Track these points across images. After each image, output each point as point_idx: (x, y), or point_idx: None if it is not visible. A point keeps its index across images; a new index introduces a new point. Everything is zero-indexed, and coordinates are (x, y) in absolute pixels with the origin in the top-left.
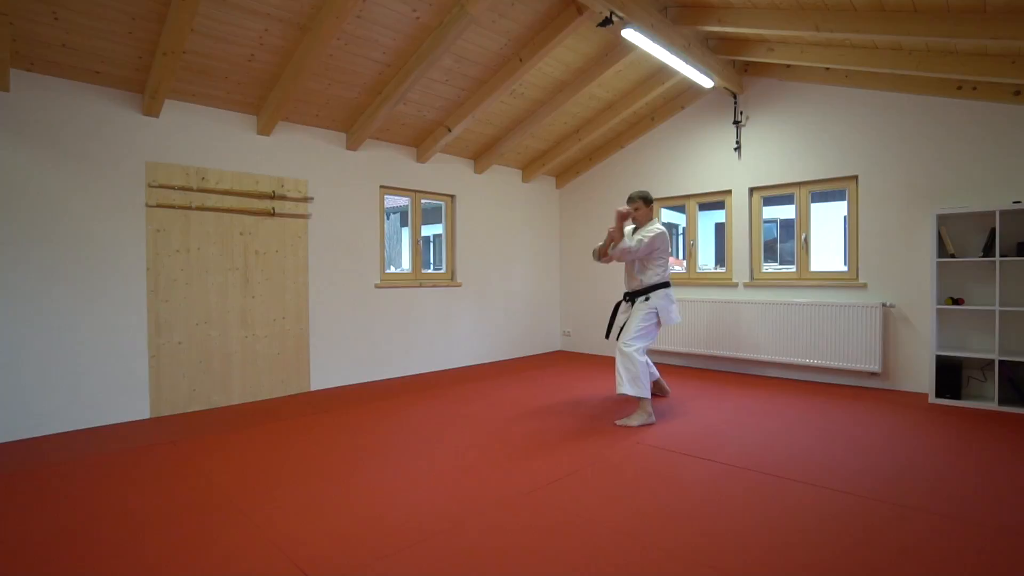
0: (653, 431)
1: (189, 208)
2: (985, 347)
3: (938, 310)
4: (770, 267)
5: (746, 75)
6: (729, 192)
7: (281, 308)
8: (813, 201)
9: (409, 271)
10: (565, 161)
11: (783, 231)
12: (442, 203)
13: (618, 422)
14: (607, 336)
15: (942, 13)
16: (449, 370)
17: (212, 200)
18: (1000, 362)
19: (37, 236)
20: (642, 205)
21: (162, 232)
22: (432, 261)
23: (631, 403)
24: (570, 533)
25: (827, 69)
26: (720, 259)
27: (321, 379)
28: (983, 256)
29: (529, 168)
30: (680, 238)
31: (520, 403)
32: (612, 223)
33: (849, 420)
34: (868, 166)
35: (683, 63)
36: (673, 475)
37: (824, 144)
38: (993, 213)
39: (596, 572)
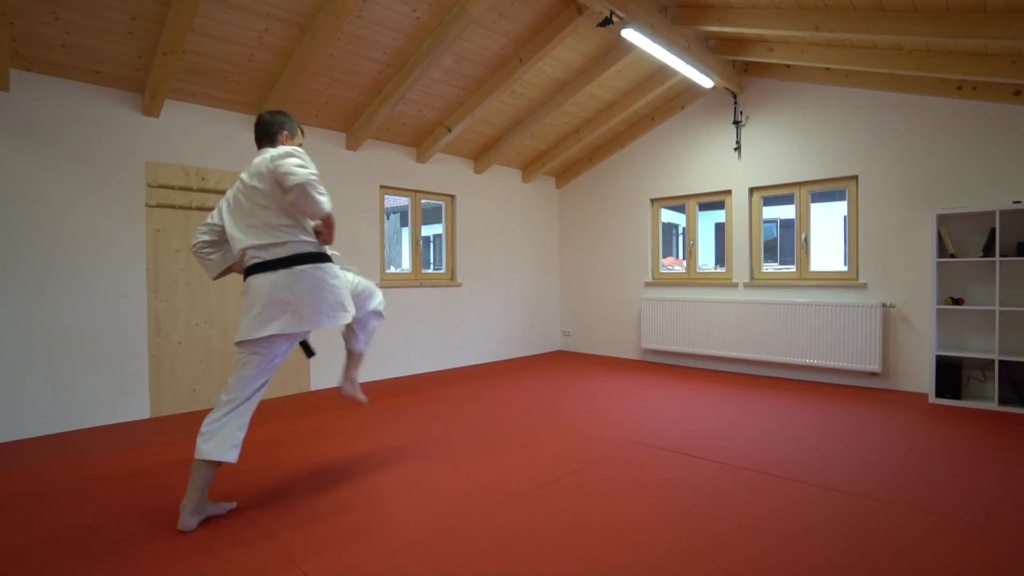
0: (654, 431)
1: (189, 208)
2: (985, 347)
3: (938, 310)
4: (770, 267)
5: (746, 75)
6: (729, 192)
7: None
8: (813, 201)
9: (409, 271)
10: (565, 161)
11: (783, 231)
12: (442, 203)
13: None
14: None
15: (942, 13)
16: (449, 370)
17: (212, 200)
18: (1000, 362)
19: (37, 236)
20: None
21: (162, 232)
22: (432, 261)
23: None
24: (570, 533)
25: (827, 69)
26: (720, 259)
27: (321, 379)
28: (983, 256)
29: (529, 168)
30: (680, 238)
31: (520, 403)
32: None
33: (849, 420)
34: (868, 166)
35: (683, 63)
36: (673, 475)
37: (824, 144)
38: (993, 213)
39: (596, 572)
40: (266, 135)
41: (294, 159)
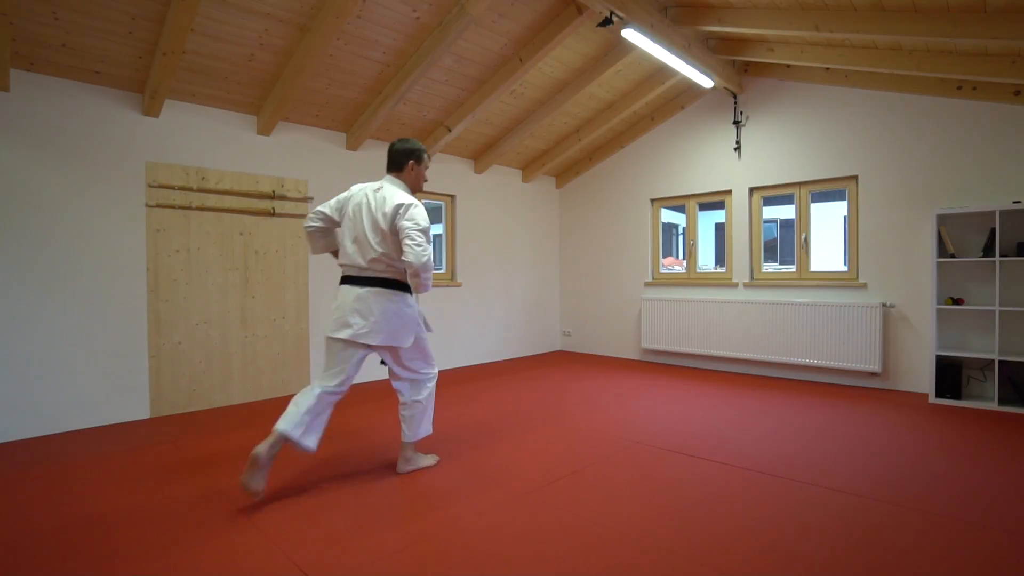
0: (654, 431)
1: (189, 208)
2: (985, 347)
3: (938, 310)
4: (770, 267)
5: (746, 75)
6: (729, 192)
7: (281, 308)
8: (813, 201)
9: None
10: (565, 161)
11: (783, 231)
12: (442, 203)
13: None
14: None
15: (942, 13)
16: (449, 370)
17: (212, 200)
18: (1000, 362)
19: (37, 236)
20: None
21: (162, 232)
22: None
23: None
24: (570, 533)
25: (827, 69)
26: (720, 259)
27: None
28: (983, 256)
29: (529, 168)
30: (680, 238)
31: (520, 403)
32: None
33: (849, 420)
34: (868, 166)
35: (683, 63)
36: (673, 475)
37: (824, 144)
38: (993, 213)
39: (596, 572)
40: (394, 164)
41: (420, 229)
